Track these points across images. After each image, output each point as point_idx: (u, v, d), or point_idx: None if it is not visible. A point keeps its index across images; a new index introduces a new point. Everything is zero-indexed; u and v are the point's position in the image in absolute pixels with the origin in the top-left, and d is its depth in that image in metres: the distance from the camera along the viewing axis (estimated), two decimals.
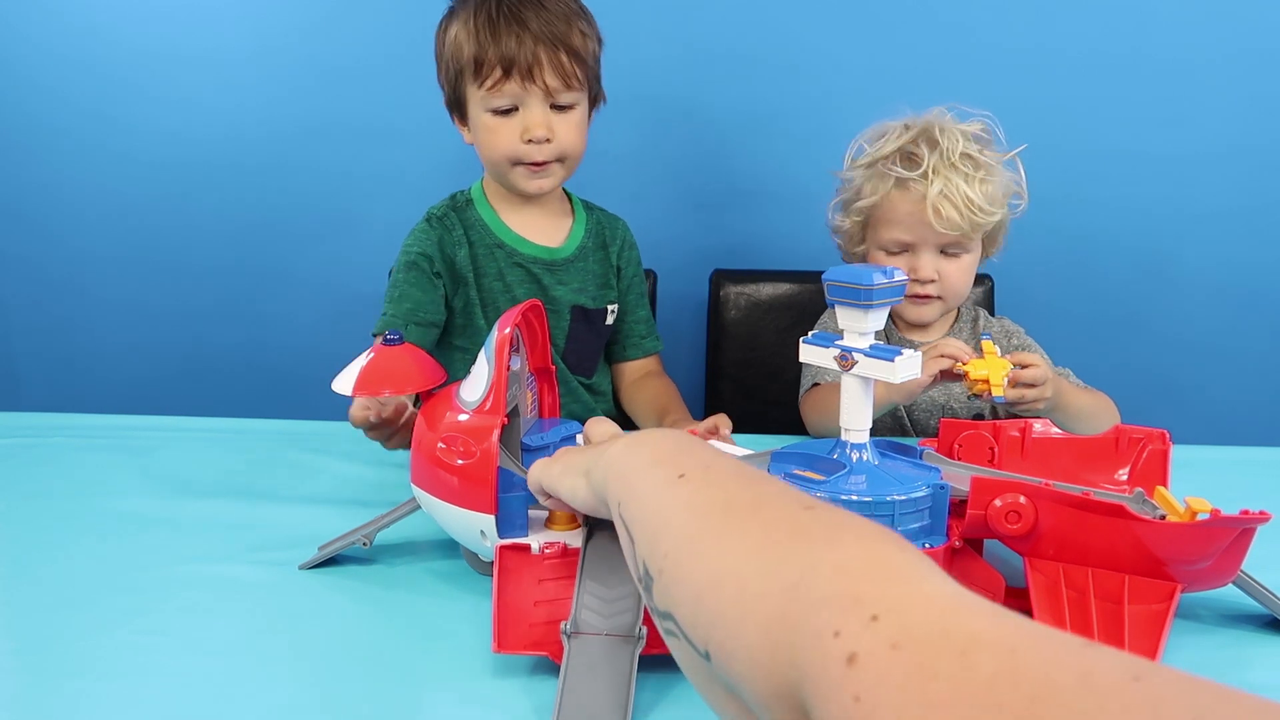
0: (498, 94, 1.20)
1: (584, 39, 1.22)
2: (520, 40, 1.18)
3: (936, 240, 1.24)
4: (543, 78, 1.19)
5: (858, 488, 0.73)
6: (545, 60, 1.19)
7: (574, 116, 1.23)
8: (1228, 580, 0.71)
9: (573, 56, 1.20)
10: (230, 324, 1.84)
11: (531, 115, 1.21)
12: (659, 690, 0.66)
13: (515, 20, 1.19)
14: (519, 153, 1.22)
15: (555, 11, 1.20)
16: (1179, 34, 1.66)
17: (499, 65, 1.18)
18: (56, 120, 1.76)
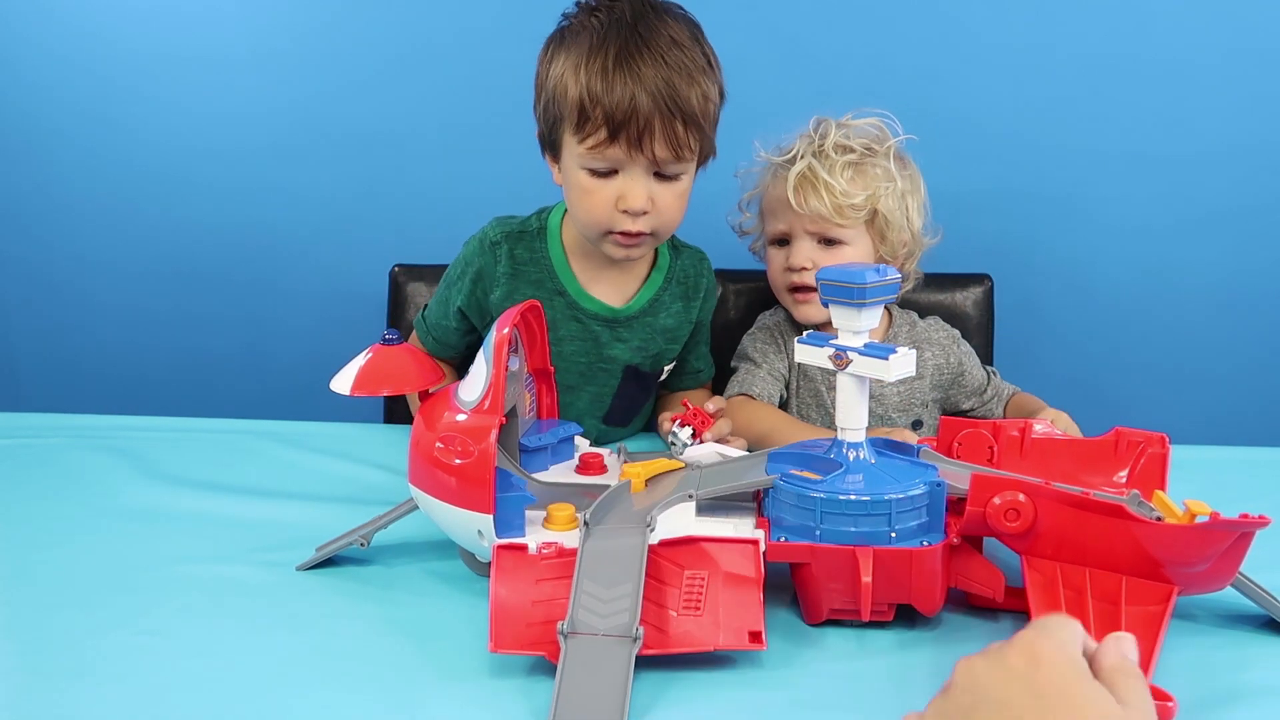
0: (598, 155, 1.06)
1: (705, 102, 1.06)
2: (634, 100, 1.02)
3: (807, 228, 1.25)
4: (651, 147, 1.04)
5: (855, 486, 0.73)
6: (658, 128, 1.04)
7: (679, 186, 1.10)
8: (1225, 584, 0.71)
9: (689, 124, 1.05)
10: (230, 325, 1.84)
11: (632, 184, 1.07)
12: (656, 690, 0.66)
13: (631, 73, 1.03)
14: (612, 221, 1.09)
15: (679, 65, 1.04)
16: (1179, 34, 1.65)
17: (605, 126, 1.03)
18: (56, 122, 1.76)
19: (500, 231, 1.19)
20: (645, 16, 1.06)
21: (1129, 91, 1.68)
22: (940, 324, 1.37)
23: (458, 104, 1.73)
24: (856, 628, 0.74)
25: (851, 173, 1.23)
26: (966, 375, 1.34)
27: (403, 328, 1.51)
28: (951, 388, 1.34)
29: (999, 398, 1.35)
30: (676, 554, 0.72)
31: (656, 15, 1.07)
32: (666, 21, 1.07)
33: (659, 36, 1.05)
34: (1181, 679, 0.66)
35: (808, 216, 1.23)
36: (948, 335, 1.35)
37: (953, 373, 1.33)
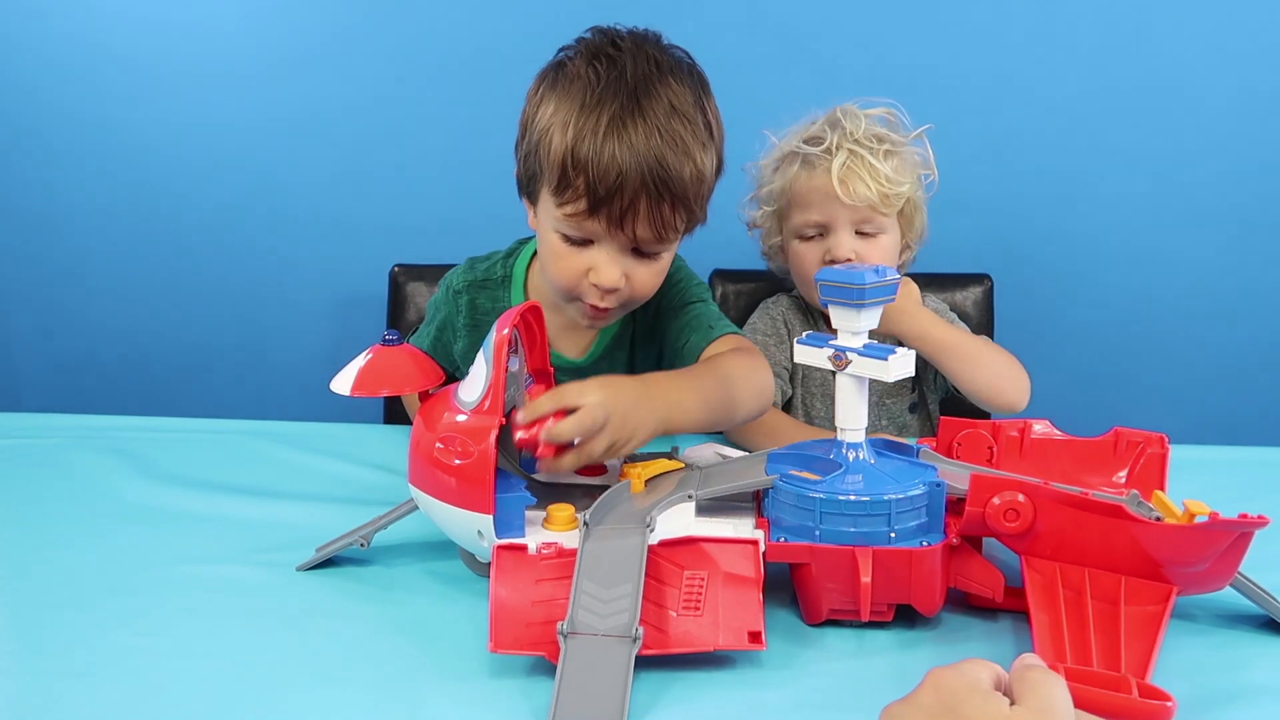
0: (574, 224, 0.96)
1: (698, 181, 0.96)
2: (622, 176, 0.92)
3: (850, 218, 1.23)
4: (633, 227, 0.95)
5: (855, 487, 0.73)
6: (643, 209, 0.93)
7: (658, 264, 1.01)
8: (1224, 584, 0.71)
9: (678, 204, 0.95)
10: (230, 325, 1.84)
11: (607, 261, 0.97)
12: (656, 690, 0.66)
13: (622, 143, 0.92)
14: (581, 290, 1.00)
15: (674, 139, 0.93)
16: (1179, 34, 1.66)
17: (586, 197, 0.93)
18: (56, 123, 1.77)
19: (464, 280, 1.14)
20: (649, 78, 0.95)
21: (1129, 91, 1.68)
22: (932, 299, 1.37)
23: (458, 104, 1.73)
24: (856, 628, 0.74)
25: (896, 161, 1.23)
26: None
27: (403, 328, 1.52)
28: None
29: None
30: (676, 554, 0.72)
31: (660, 76, 0.96)
32: (670, 84, 0.96)
33: (658, 103, 0.94)
34: (1181, 679, 0.66)
35: (852, 207, 1.21)
36: (936, 305, 1.35)
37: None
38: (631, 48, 0.98)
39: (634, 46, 0.98)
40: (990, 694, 0.52)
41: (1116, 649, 0.65)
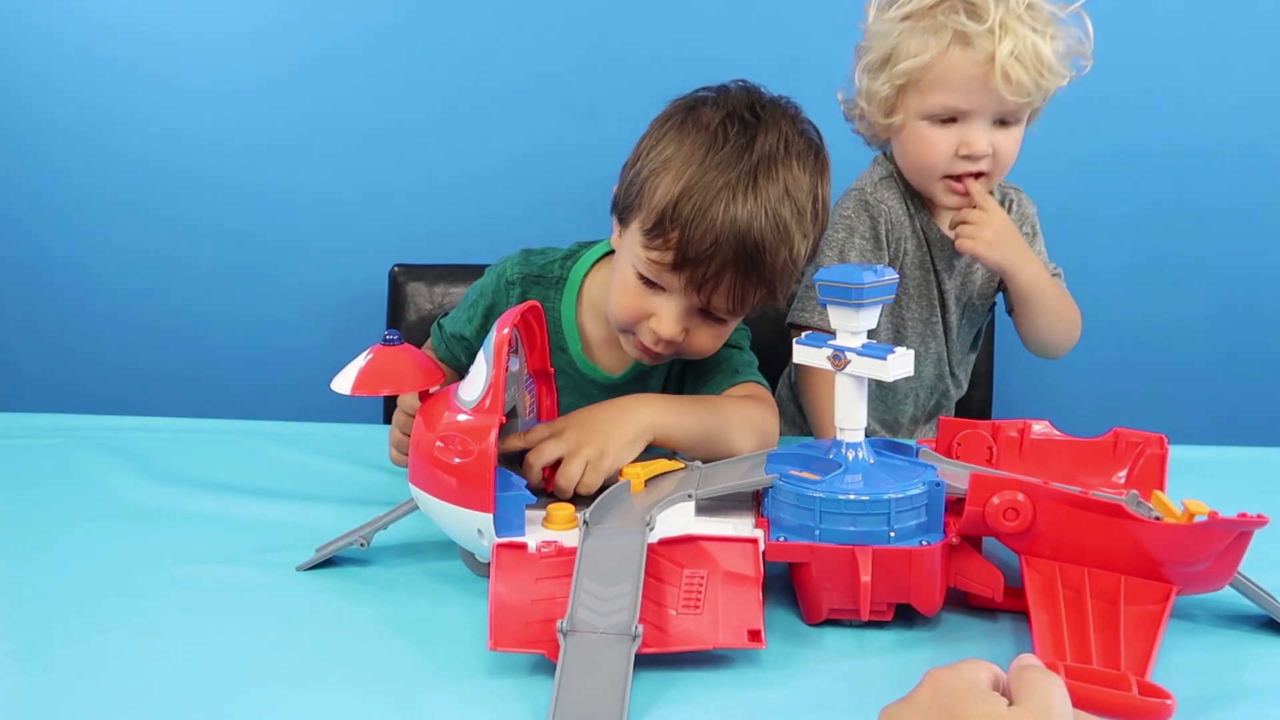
0: (654, 271, 0.95)
1: (790, 267, 0.94)
2: (716, 245, 0.90)
3: (996, 109, 1.10)
4: (710, 294, 0.94)
5: (854, 487, 0.73)
6: (727, 282, 0.93)
7: (721, 329, 1.00)
8: (1224, 584, 0.71)
9: (762, 285, 0.94)
10: (230, 325, 1.84)
11: (671, 313, 0.96)
12: (655, 689, 0.67)
13: (729, 210, 0.90)
14: (638, 330, 0.99)
15: (778, 223, 0.92)
16: (1179, 34, 1.66)
17: (675, 251, 0.92)
18: (56, 122, 1.76)
19: (519, 272, 1.12)
20: (774, 156, 0.94)
21: (1129, 91, 1.68)
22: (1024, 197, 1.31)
23: (458, 105, 1.73)
24: (856, 628, 0.74)
25: (1059, 45, 1.10)
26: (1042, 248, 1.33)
27: (403, 328, 1.52)
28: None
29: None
30: (676, 553, 0.72)
31: (786, 158, 0.94)
32: (793, 168, 0.94)
33: (775, 184, 0.93)
34: (1181, 679, 0.66)
35: (1004, 95, 1.08)
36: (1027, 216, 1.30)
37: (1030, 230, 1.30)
38: (769, 120, 0.96)
39: (771, 119, 0.97)
40: (988, 694, 0.52)
41: (1116, 648, 0.65)
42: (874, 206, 1.20)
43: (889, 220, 1.20)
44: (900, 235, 1.22)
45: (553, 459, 0.85)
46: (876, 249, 1.20)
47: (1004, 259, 1.17)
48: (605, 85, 1.70)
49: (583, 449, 0.86)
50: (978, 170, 1.15)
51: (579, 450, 0.85)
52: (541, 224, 1.63)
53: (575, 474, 0.85)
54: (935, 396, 1.35)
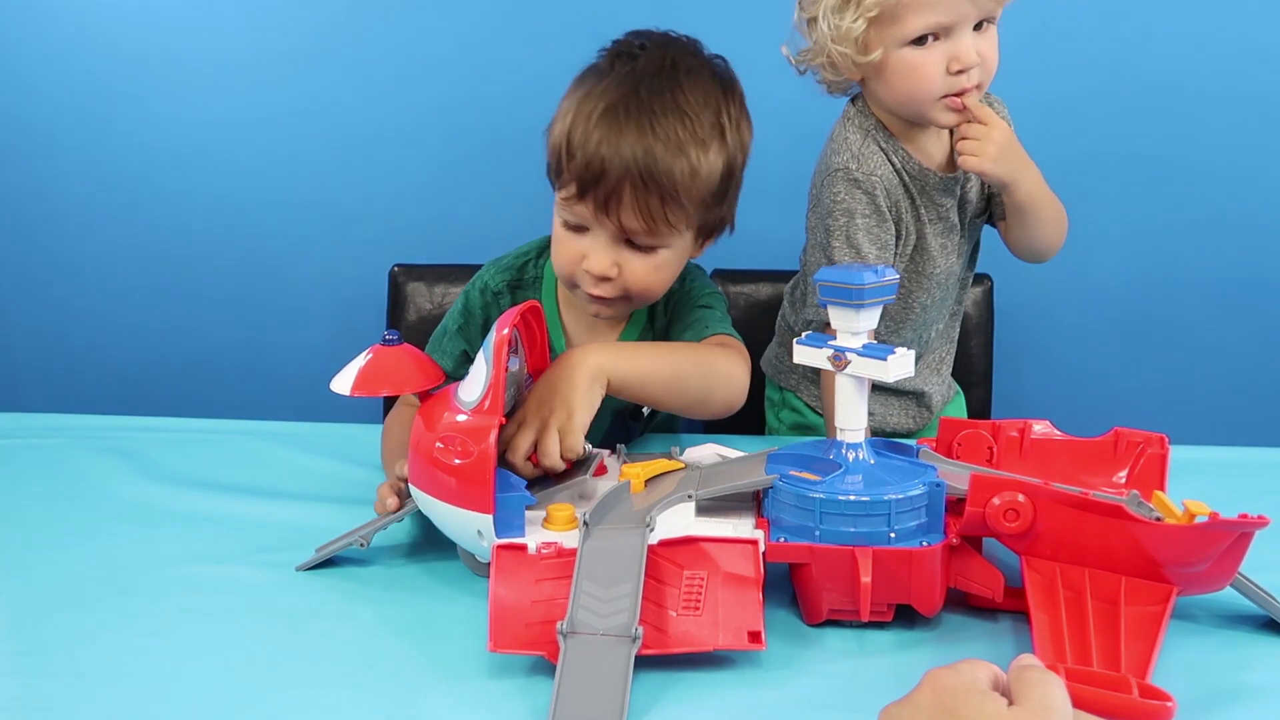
0: (569, 209, 0.99)
1: (692, 177, 0.96)
2: (605, 163, 0.94)
3: (976, 13, 1.10)
4: (618, 215, 0.96)
5: (854, 487, 0.73)
6: (628, 198, 0.95)
7: (655, 259, 1.00)
8: (1224, 584, 0.71)
9: (668, 199, 0.95)
10: (230, 325, 1.84)
11: (596, 247, 0.99)
12: (655, 691, 0.66)
13: (613, 132, 0.94)
14: (577, 277, 1.02)
15: (669, 135, 0.95)
16: (1179, 34, 1.65)
17: (575, 181, 0.96)
18: (56, 123, 1.77)
19: (502, 281, 1.13)
20: (659, 74, 0.98)
21: (1129, 91, 1.68)
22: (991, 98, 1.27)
23: (458, 104, 1.73)
24: (856, 628, 0.74)
25: None
26: None
27: (403, 328, 1.51)
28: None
29: None
30: (676, 554, 0.72)
31: (673, 74, 0.98)
32: (681, 83, 0.98)
33: (660, 99, 0.96)
34: (1181, 679, 0.66)
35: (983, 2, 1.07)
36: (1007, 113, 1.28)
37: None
38: (654, 48, 1.00)
39: (657, 47, 1.01)
40: (988, 694, 0.52)
41: (1117, 649, 0.65)
42: (865, 181, 1.18)
43: (885, 187, 1.18)
44: (896, 196, 1.20)
45: (527, 447, 0.84)
46: (881, 222, 1.18)
47: (1007, 173, 1.16)
48: None
49: (549, 420, 0.85)
50: (972, 85, 1.13)
51: (546, 424, 0.84)
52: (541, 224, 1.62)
53: (553, 447, 0.84)
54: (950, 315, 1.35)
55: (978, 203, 1.27)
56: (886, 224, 1.18)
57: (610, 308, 1.04)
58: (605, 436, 1.11)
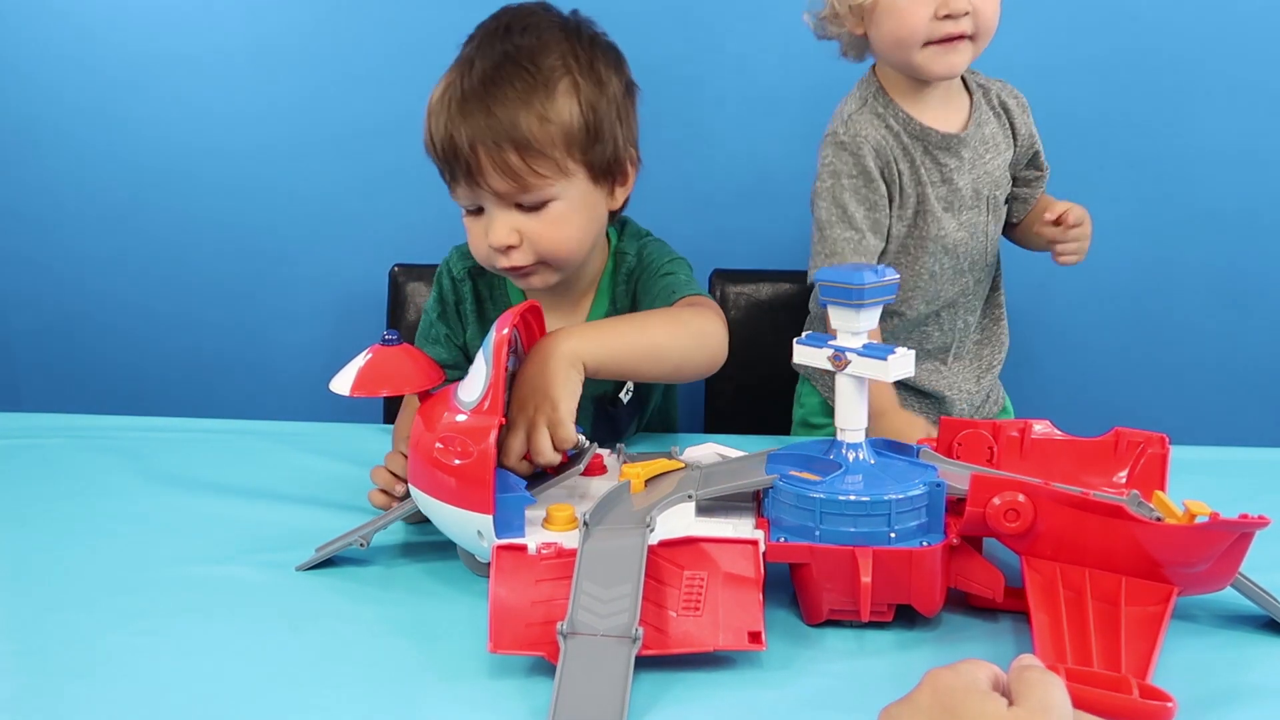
0: (458, 199, 1.02)
1: (542, 122, 0.96)
2: (456, 140, 0.97)
3: None
4: (487, 182, 0.97)
5: (854, 487, 0.73)
6: (485, 162, 0.96)
7: (551, 213, 1.00)
8: (1225, 584, 0.71)
9: (524, 151, 0.96)
10: (230, 324, 1.84)
11: (492, 220, 1.00)
12: (655, 691, 0.66)
13: (454, 104, 0.98)
14: (490, 257, 1.03)
15: (508, 89, 0.97)
16: (1179, 34, 1.65)
17: (443, 164, 1.00)
18: (56, 121, 1.77)
19: (463, 267, 1.15)
20: (493, 39, 1.01)
21: (1129, 91, 1.68)
22: (1010, 89, 1.30)
23: None
24: (856, 628, 0.74)
25: None
26: (1041, 155, 1.32)
27: (402, 328, 1.51)
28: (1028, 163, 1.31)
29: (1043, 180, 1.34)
30: (676, 554, 0.72)
31: (508, 36, 1.01)
32: (517, 42, 1.00)
33: (496, 62, 0.98)
34: (1181, 679, 0.66)
35: None
36: (1020, 104, 1.29)
37: (1028, 143, 1.29)
38: (490, 20, 1.04)
39: (493, 19, 1.04)
40: (988, 694, 0.52)
41: (1117, 649, 0.65)
42: (850, 143, 1.19)
43: (874, 147, 1.19)
44: (890, 157, 1.20)
45: (520, 446, 0.83)
46: (868, 182, 1.19)
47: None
48: None
49: (536, 418, 0.83)
50: (960, 32, 1.13)
51: (534, 422, 0.83)
52: None
53: (545, 445, 0.82)
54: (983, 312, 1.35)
55: (1000, 177, 1.27)
56: (874, 184, 1.19)
57: (533, 276, 1.04)
58: (591, 426, 1.11)
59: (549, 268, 1.04)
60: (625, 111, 1.05)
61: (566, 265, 1.05)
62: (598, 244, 1.11)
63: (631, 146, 1.07)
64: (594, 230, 1.06)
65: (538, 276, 1.04)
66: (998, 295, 1.37)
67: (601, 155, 1.02)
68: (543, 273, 1.04)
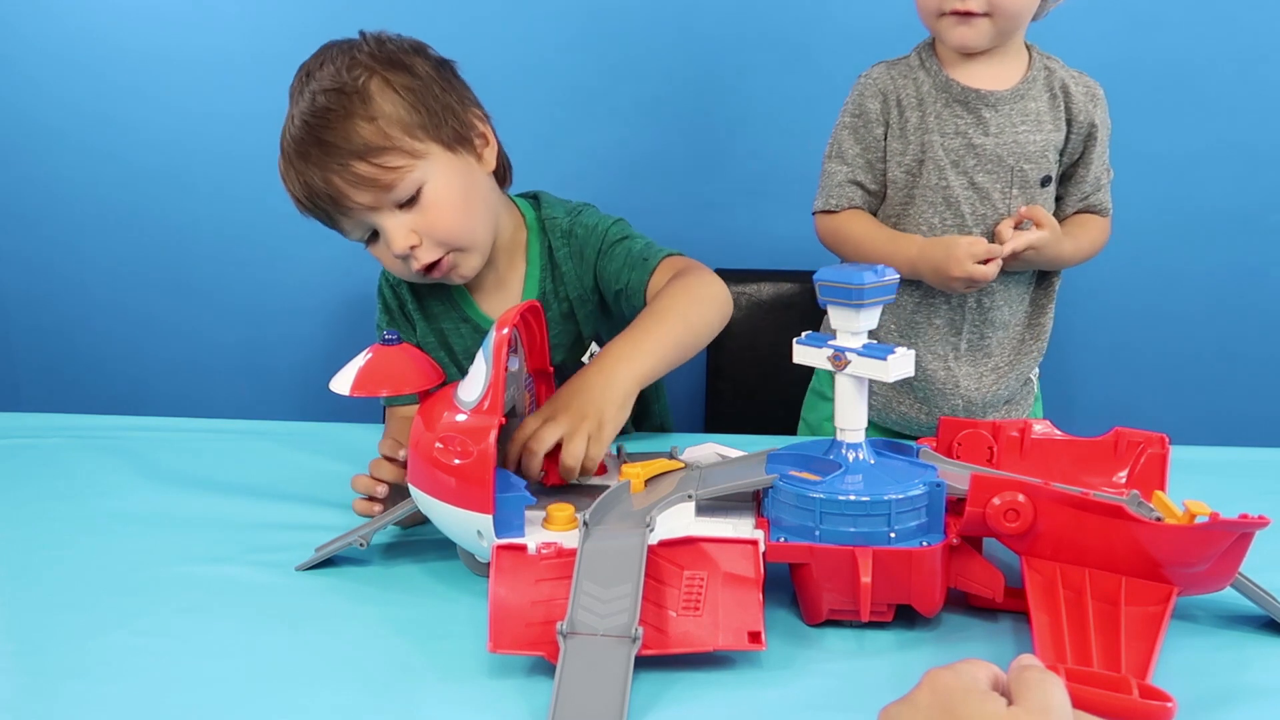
0: (345, 232, 1.05)
1: (371, 123, 0.99)
2: (305, 182, 1.01)
3: None
4: (355, 200, 0.99)
5: (854, 487, 0.73)
6: (342, 185, 0.99)
7: (429, 198, 1.01)
8: (1225, 584, 0.71)
9: (370, 155, 0.98)
10: (229, 325, 1.84)
11: (384, 233, 1.02)
12: (655, 691, 0.66)
13: (291, 155, 1.03)
14: (406, 270, 1.05)
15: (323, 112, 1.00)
16: (1179, 34, 1.65)
17: (316, 211, 1.03)
18: (56, 121, 1.76)
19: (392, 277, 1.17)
20: (298, 81, 1.05)
21: (1129, 91, 1.68)
22: (1086, 79, 1.29)
23: None
24: (856, 628, 0.74)
25: None
26: (1097, 147, 1.30)
27: None
28: (1080, 155, 1.30)
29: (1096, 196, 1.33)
30: (676, 554, 0.72)
31: (307, 76, 1.05)
32: (312, 71, 1.04)
33: (305, 97, 1.02)
34: (1181, 679, 0.66)
35: None
36: (1089, 93, 1.28)
37: (1085, 132, 1.28)
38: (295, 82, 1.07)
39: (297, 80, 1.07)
40: (987, 694, 0.52)
41: (1117, 649, 0.65)
42: (860, 84, 1.27)
43: (880, 90, 1.24)
44: (898, 102, 1.24)
45: (553, 443, 0.85)
46: (863, 124, 1.25)
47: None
48: (604, 84, 1.70)
49: (581, 425, 0.85)
50: (967, 8, 1.16)
51: (578, 427, 0.85)
52: None
53: (580, 450, 0.84)
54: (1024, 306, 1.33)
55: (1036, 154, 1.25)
56: (870, 125, 1.25)
57: (454, 270, 1.06)
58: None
59: (462, 252, 1.05)
60: (447, 80, 1.08)
61: (473, 243, 1.06)
62: (501, 213, 1.13)
63: (474, 106, 1.09)
64: (480, 197, 1.07)
65: (458, 269, 1.06)
66: (1041, 294, 1.34)
67: (444, 125, 1.03)
68: (459, 261, 1.06)
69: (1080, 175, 1.31)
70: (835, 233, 1.28)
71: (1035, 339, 1.33)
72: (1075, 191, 1.32)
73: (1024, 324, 1.32)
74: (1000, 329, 1.29)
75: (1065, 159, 1.29)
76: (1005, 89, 1.22)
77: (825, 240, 1.31)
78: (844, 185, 1.26)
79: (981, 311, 1.27)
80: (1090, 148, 1.29)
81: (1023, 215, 1.21)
